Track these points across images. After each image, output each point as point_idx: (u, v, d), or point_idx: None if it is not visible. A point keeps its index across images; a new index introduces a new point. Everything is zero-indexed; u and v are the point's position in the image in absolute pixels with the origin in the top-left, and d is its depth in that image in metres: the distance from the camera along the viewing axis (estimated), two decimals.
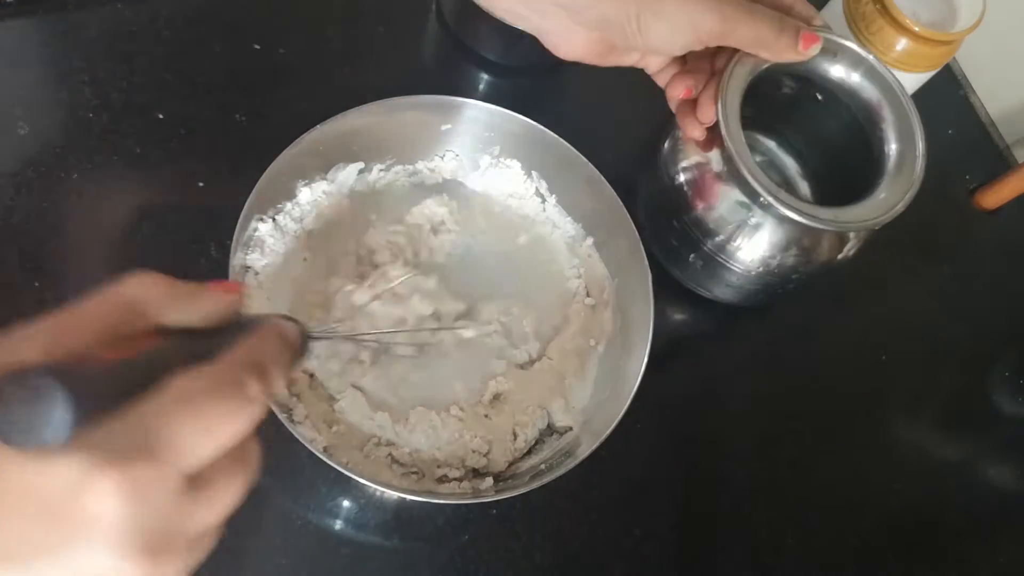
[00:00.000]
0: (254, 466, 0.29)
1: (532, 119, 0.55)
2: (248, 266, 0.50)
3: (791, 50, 0.48)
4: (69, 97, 0.57)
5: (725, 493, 0.61)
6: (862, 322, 0.70)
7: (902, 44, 0.67)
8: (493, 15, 0.47)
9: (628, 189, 0.63)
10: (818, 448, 0.64)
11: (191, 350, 0.28)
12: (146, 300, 0.28)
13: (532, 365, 0.56)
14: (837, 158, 0.65)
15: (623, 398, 0.49)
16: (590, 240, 0.58)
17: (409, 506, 0.53)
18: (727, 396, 0.64)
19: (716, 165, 0.56)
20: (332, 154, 0.54)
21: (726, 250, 0.58)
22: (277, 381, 0.30)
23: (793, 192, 0.68)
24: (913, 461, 0.66)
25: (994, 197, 0.77)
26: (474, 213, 0.59)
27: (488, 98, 0.54)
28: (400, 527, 0.53)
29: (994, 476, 0.68)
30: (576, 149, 0.55)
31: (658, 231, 0.62)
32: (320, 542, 0.51)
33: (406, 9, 0.70)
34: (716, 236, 0.58)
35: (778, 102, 0.64)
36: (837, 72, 0.59)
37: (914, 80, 0.70)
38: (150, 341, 0.27)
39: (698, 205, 0.58)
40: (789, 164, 0.69)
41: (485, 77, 0.69)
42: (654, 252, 0.62)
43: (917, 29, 0.65)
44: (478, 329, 0.54)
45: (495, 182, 0.59)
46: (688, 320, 0.66)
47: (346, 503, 0.52)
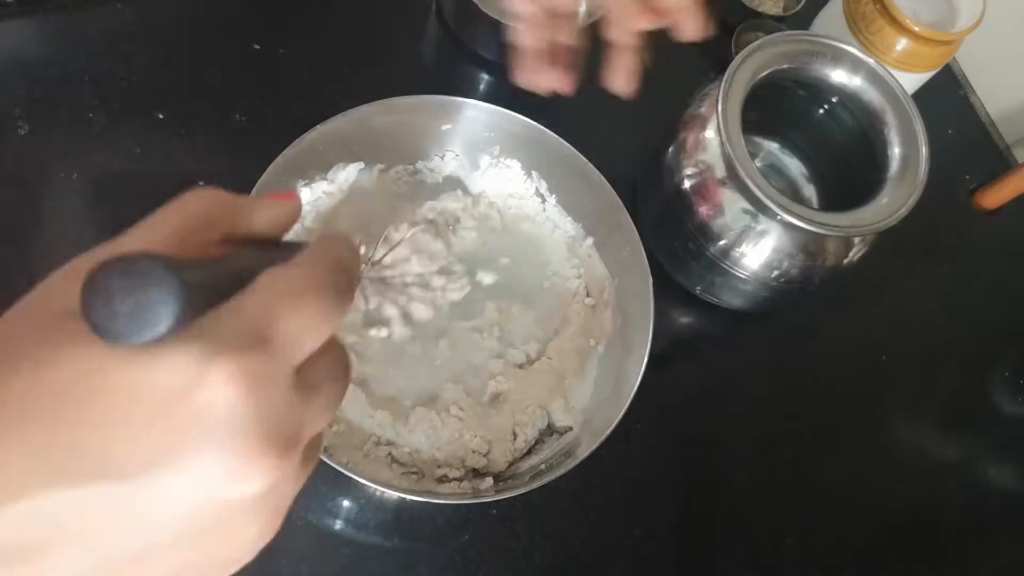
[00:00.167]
0: (348, 368, 0.28)
1: (532, 119, 0.55)
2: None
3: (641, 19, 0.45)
4: (69, 97, 0.57)
5: (725, 493, 0.61)
6: (862, 322, 0.70)
7: (902, 44, 0.67)
8: None
9: (629, 189, 0.63)
10: (818, 448, 0.64)
11: (266, 255, 0.27)
12: (211, 211, 0.27)
13: (532, 365, 0.56)
14: (841, 161, 0.65)
15: (623, 398, 0.49)
16: (590, 240, 0.58)
17: (409, 506, 0.53)
18: (727, 396, 0.64)
19: (720, 171, 0.56)
20: (332, 154, 0.54)
21: (730, 256, 0.58)
22: (355, 281, 0.28)
23: (798, 196, 0.68)
24: (913, 461, 0.66)
25: (994, 197, 0.77)
26: (490, 211, 0.59)
27: (488, 98, 0.54)
28: (400, 527, 0.53)
29: (994, 476, 0.68)
30: (576, 149, 0.54)
31: (662, 236, 0.62)
32: (320, 542, 0.51)
33: (406, 9, 0.70)
34: (720, 242, 0.58)
35: (782, 106, 0.64)
36: (839, 76, 0.59)
37: (914, 80, 0.70)
38: (222, 249, 0.26)
39: (702, 211, 0.57)
40: (794, 167, 0.69)
41: (485, 77, 0.69)
42: (658, 257, 0.62)
43: (917, 29, 0.65)
44: (495, 275, 0.53)
45: (495, 182, 0.59)
46: (688, 320, 0.66)
47: (346, 503, 0.52)
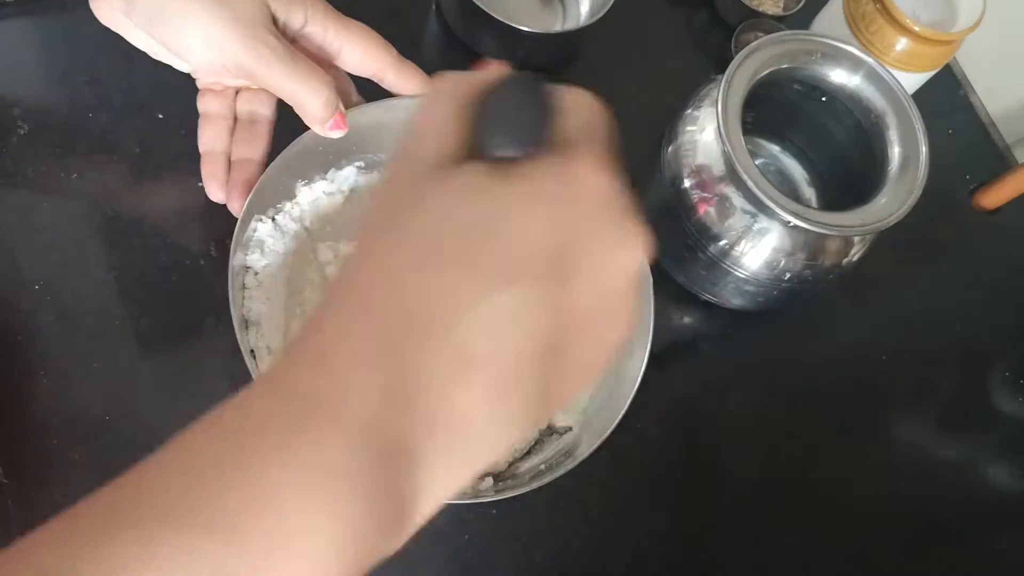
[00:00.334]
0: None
1: None
2: (248, 266, 0.50)
3: (318, 124, 0.47)
4: (69, 97, 0.57)
5: (725, 493, 0.61)
6: (862, 322, 0.70)
7: (902, 44, 0.67)
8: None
9: (629, 189, 0.63)
10: (818, 448, 0.64)
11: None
12: (463, 91, 0.31)
13: None
14: (841, 161, 0.65)
15: (623, 398, 0.49)
16: None
17: None
18: (727, 396, 0.64)
19: (720, 171, 0.56)
20: (332, 154, 0.53)
21: (730, 256, 0.58)
22: None
23: (798, 196, 0.68)
24: (913, 461, 0.66)
25: (994, 197, 0.77)
26: None
27: None
28: None
29: (994, 476, 0.68)
30: None
31: (662, 235, 0.62)
32: None
33: (406, 9, 0.70)
34: (720, 242, 0.58)
35: (782, 106, 0.64)
36: (838, 76, 0.59)
37: (914, 80, 0.70)
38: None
39: (702, 211, 0.57)
40: (794, 168, 0.69)
41: None
42: (657, 256, 0.62)
43: (917, 29, 0.65)
44: None
45: None
46: (688, 320, 0.66)
47: None
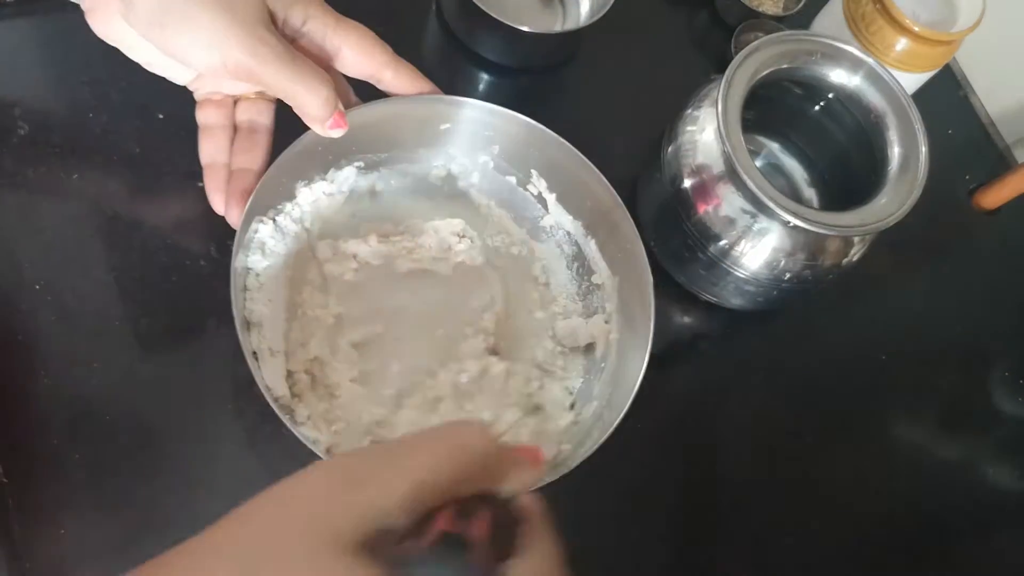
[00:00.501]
0: None
1: (532, 119, 0.55)
2: (249, 268, 0.50)
3: (318, 123, 0.47)
4: (69, 97, 0.57)
5: (725, 493, 0.61)
6: (862, 322, 0.70)
7: (902, 44, 0.67)
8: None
9: (629, 189, 0.63)
10: (818, 448, 0.64)
11: (502, 518, 0.29)
12: (483, 463, 0.28)
13: (532, 366, 0.56)
14: (841, 161, 0.65)
15: (623, 398, 0.49)
16: (591, 240, 0.58)
17: None
18: (727, 396, 0.64)
19: (720, 171, 0.56)
20: (332, 154, 0.54)
21: (730, 256, 0.58)
22: None
23: (798, 196, 0.68)
24: (913, 461, 0.66)
25: (994, 197, 0.77)
26: (487, 217, 0.59)
27: (488, 98, 0.54)
28: None
29: (994, 476, 0.68)
30: (576, 149, 0.54)
31: (661, 235, 0.62)
32: None
33: (406, 9, 0.70)
34: (720, 241, 0.58)
35: (781, 106, 0.64)
36: (838, 76, 0.59)
37: (914, 80, 0.70)
38: (482, 512, 0.28)
39: (702, 210, 0.58)
40: (794, 167, 0.69)
41: (485, 77, 0.69)
42: (657, 256, 0.63)
43: (917, 29, 0.65)
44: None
45: (495, 182, 0.59)
46: (688, 320, 0.66)
47: None
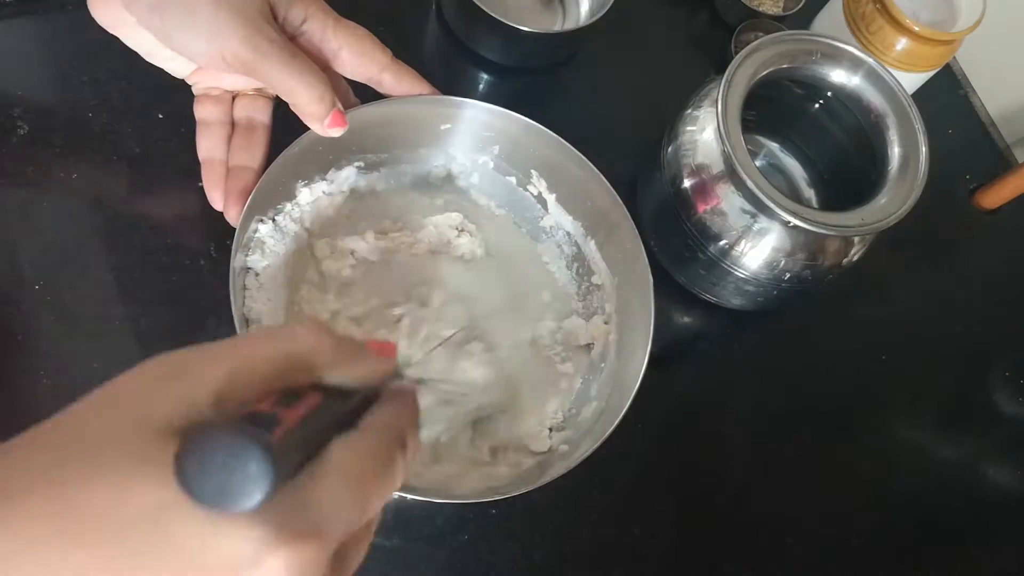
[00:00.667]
0: (373, 533, 0.29)
1: (532, 119, 0.55)
2: (248, 267, 0.50)
3: (316, 121, 0.46)
4: (69, 97, 0.57)
5: (725, 493, 0.61)
6: (862, 322, 0.70)
7: (902, 44, 0.67)
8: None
9: (629, 189, 0.63)
10: (818, 448, 0.64)
11: (341, 410, 0.28)
12: (313, 355, 0.28)
13: (530, 367, 0.56)
14: (841, 161, 0.65)
15: (623, 398, 0.49)
16: (591, 240, 0.58)
17: (409, 506, 0.53)
18: (727, 396, 0.64)
19: (720, 171, 0.56)
20: (332, 154, 0.54)
21: (730, 256, 0.58)
22: (413, 452, 0.30)
23: (798, 195, 0.68)
24: (913, 461, 0.66)
25: (994, 197, 0.77)
26: (486, 217, 0.59)
27: (488, 98, 0.54)
28: (400, 527, 0.53)
29: (994, 476, 0.68)
30: (576, 149, 0.54)
31: (662, 235, 0.62)
32: None
33: (406, 9, 0.70)
34: (720, 241, 0.58)
35: (781, 106, 0.64)
36: (838, 76, 0.59)
37: (914, 80, 0.70)
38: (311, 400, 0.27)
39: (702, 210, 0.58)
40: (794, 167, 0.69)
41: (485, 77, 0.69)
42: (658, 257, 0.63)
43: (917, 29, 0.65)
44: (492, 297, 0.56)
45: (495, 182, 0.59)
46: (688, 320, 0.66)
47: None
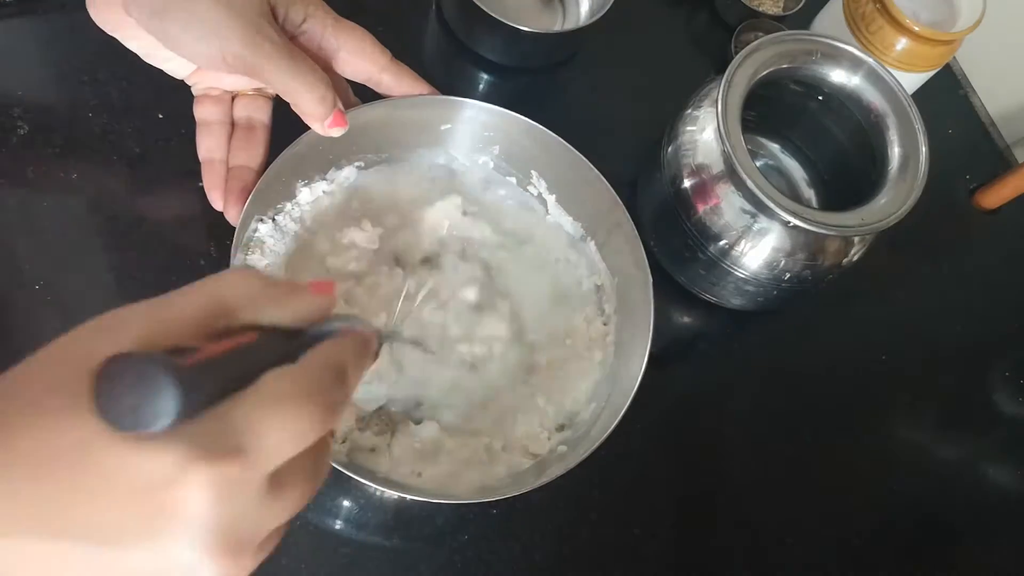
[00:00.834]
0: (326, 469, 0.30)
1: (532, 119, 0.55)
2: (248, 267, 0.50)
3: (317, 121, 0.46)
4: (69, 97, 0.57)
5: (725, 493, 0.61)
6: (862, 322, 0.70)
7: (902, 44, 0.67)
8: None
9: (629, 189, 0.63)
10: (818, 448, 0.64)
11: (279, 349, 0.28)
12: (242, 297, 0.28)
13: (529, 367, 0.56)
14: (841, 161, 0.65)
15: (623, 398, 0.49)
16: (590, 240, 0.58)
17: (409, 506, 0.53)
18: (727, 396, 0.64)
19: (720, 171, 0.56)
20: (332, 154, 0.54)
21: (730, 256, 0.58)
22: (355, 385, 0.30)
23: (798, 195, 0.68)
24: (913, 461, 0.66)
25: (994, 197, 0.77)
26: (485, 211, 0.59)
27: (488, 98, 0.54)
28: (400, 527, 0.53)
29: (994, 476, 0.68)
30: (576, 149, 0.54)
31: (661, 235, 0.62)
32: (320, 542, 0.51)
33: (406, 9, 0.70)
34: (720, 241, 0.58)
35: (781, 106, 0.64)
36: (838, 76, 0.59)
37: (914, 80, 0.70)
38: (241, 337, 0.27)
39: (702, 210, 0.57)
40: (794, 168, 0.69)
41: (485, 77, 0.69)
42: (658, 256, 0.63)
43: (917, 29, 0.65)
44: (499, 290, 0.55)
45: (495, 182, 0.59)
46: (688, 320, 0.66)
47: (346, 503, 0.52)
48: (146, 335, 0.25)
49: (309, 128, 0.48)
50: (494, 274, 0.57)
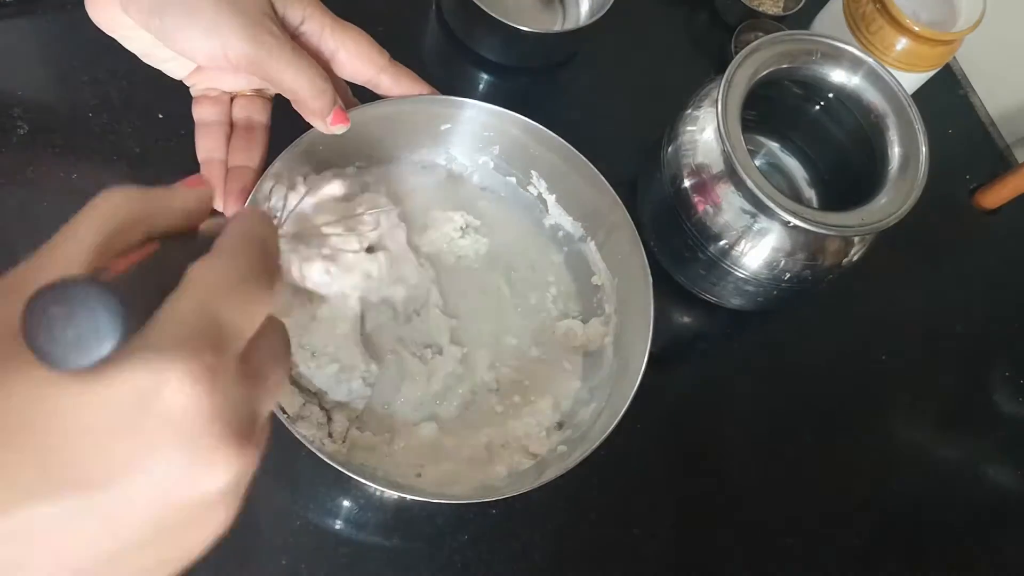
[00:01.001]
0: (288, 350, 0.29)
1: (532, 119, 0.55)
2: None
3: (319, 118, 0.46)
4: (69, 97, 0.57)
5: (725, 493, 0.61)
6: (862, 322, 0.70)
7: (902, 44, 0.67)
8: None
9: (628, 189, 0.63)
10: (818, 448, 0.64)
11: (185, 251, 0.27)
12: (127, 211, 0.27)
13: (529, 367, 0.56)
14: (841, 161, 0.65)
15: (623, 398, 0.49)
16: (591, 240, 0.58)
17: (409, 506, 0.53)
18: (727, 396, 0.64)
19: (720, 170, 0.56)
20: (332, 154, 0.53)
21: (730, 256, 0.58)
22: (277, 250, 0.29)
23: (798, 195, 0.68)
24: (913, 461, 0.66)
25: (994, 197, 0.77)
26: (490, 215, 0.59)
27: (488, 98, 0.54)
28: (400, 527, 0.53)
29: (994, 476, 0.68)
30: (576, 149, 0.54)
31: (661, 235, 0.62)
32: (319, 542, 0.51)
33: (406, 9, 0.70)
34: (720, 241, 0.58)
35: (781, 106, 0.64)
36: (838, 76, 0.59)
37: (914, 80, 0.70)
38: (143, 250, 0.26)
39: (702, 210, 0.57)
40: (794, 167, 0.69)
41: (485, 77, 0.69)
42: (658, 257, 0.63)
43: (917, 29, 0.65)
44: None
45: (495, 182, 0.59)
46: (688, 320, 0.66)
47: (345, 503, 0.52)
48: (52, 275, 0.23)
49: (309, 128, 0.48)
50: (494, 273, 0.57)
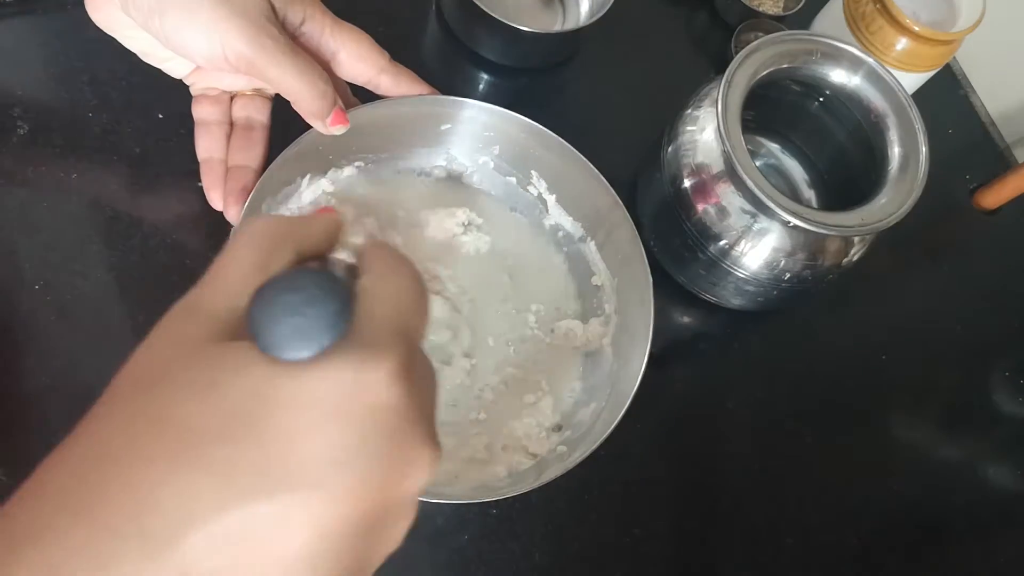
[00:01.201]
0: (430, 360, 0.30)
1: (532, 119, 0.55)
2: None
3: (319, 119, 0.47)
4: (69, 97, 0.57)
5: (724, 493, 0.61)
6: (862, 322, 0.70)
7: (902, 44, 0.67)
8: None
9: (628, 189, 0.63)
10: (818, 448, 0.64)
11: (340, 265, 0.29)
12: (278, 232, 0.28)
13: (529, 367, 0.56)
14: (841, 161, 0.65)
15: (623, 398, 0.49)
16: (591, 241, 0.58)
17: None
18: (727, 396, 0.64)
19: (720, 171, 0.56)
20: (332, 154, 0.54)
21: (730, 256, 0.58)
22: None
23: (798, 195, 0.68)
24: (913, 461, 0.66)
25: (994, 197, 0.77)
26: (491, 215, 0.59)
27: (488, 98, 0.54)
28: None
29: (994, 476, 0.68)
30: (576, 149, 0.54)
31: (661, 235, 0.62)
32: None
33: (406, 9, 0.70)
34: (720, 241, 0.58)
35: (781, 106, 0.64)
36: (838, 76, 0.59)
37: (914, 80, 0.70)
38: (309, 264, 0.28)
39: (702, 211, 0.57)
40: (793, 167, 0.69)
41: (485, 77, 0.69)
42: (657, 256, 0.63)
43: (917, 29, 0.65)
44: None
45: (495, 182, 0.59)
46: (688, 320, 0.66)
47: None
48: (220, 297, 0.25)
49: (309, 128, 0.48)
50: (497, 270, 0.57)
